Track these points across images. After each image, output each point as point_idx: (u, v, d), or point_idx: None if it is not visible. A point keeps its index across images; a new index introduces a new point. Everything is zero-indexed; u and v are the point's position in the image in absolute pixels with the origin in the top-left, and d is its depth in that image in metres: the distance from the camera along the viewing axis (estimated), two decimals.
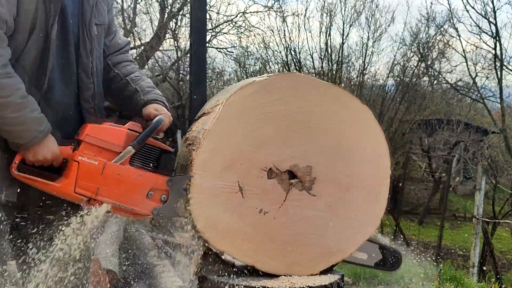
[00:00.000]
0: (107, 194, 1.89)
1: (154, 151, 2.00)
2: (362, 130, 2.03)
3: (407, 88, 15.48)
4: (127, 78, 2.30)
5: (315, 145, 1.98)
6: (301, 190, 1.97)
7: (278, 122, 1.94)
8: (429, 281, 5.89)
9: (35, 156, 1.95)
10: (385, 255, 2.17)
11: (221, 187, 1.89)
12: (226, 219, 1.90)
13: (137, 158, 1.96)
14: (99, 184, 1.89)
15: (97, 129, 1.94)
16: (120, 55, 2.37)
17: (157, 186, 1.92)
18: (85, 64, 2.13)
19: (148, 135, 1.96)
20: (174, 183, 1.90)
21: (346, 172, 2.01)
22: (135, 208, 1.91)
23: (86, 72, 2.14)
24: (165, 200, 1.92)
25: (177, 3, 13.41)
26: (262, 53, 15.64)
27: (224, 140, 1.88)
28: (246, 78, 2.06)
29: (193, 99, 8.86)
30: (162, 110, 2.18)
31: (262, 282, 1.88)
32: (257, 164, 1.92)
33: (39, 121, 1.93)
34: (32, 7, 1.95)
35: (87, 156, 1.90)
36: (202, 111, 2.02)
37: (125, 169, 1.91)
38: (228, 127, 1.88)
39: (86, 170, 1.89)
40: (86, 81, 2.15)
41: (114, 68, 2.33)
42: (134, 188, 1.91)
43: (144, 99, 2.21)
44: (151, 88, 2.28)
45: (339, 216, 2.01)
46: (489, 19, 13.78)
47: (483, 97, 15.70)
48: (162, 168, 1.98)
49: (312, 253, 2.00)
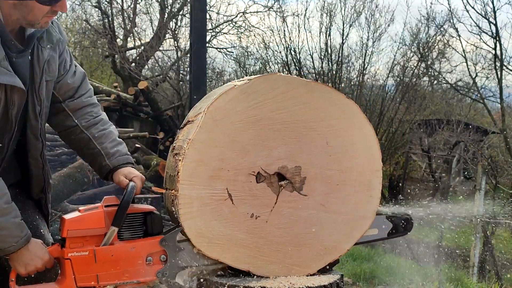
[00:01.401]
0: (108, 277, 1.91)
1: (137, 217, 2.00)
2: (350, 125, 2.03)
3: (407, 88, 15.46)
4: (88, 133, 2.21)
5: (303, 145, 1.98)
6: (292, 191, 1.97)
7: (262, 125, 1.93)
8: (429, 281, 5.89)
9: (26, 268, 1.95)
10: (394, 222, 2.17)
11: (209, 195, 1.89)
12: (218, 227, 1.90)
13: (124, 230, 1.97)
14: (97, 271, 1.91)
15: (74, 221, 1.93)
16: (78, 99, 2.25)
17: (153, 250, 1.95)
18: (33, 126, 2.08)
19: (124, 209, 1.94)
20: (168, 241, 1.95)
21: (337, 169, 2.01)
22: (140, 279, 1.94)
23: (34, 134, 2.10)
24: (165, 260, 1.95)
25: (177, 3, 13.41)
26: (262, 53, 15.64)
27: (209, 149, 1.88)
28: None
29: (193, 99, 8.86)
30: (132, 173, 2.14)
31: (261, 282, 1.88)
32: (244, 170, 1.92)
33: (20, 227, 1.93)
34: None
35: (76, 249, 1.91)
36: (187, 119, 2.01)
37: (116, 248, 1.93)
38: (211, 135, 1.89)
39: (80, 264, 1.90)
40: (34, 142, 2.12)
41: (72, 116, 2.23)
42: (132, 262, 1.93)
43: (110, 166, 2.17)
44: (116, 147, 2.20)
45: (332, 213, 2.01)
46: (489, 19, 13.79)
47: (483, 97, 15.70)
48: (152, 230, 1.99)
49: (309, 253, 2.00)
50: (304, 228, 1.99)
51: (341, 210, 2.03)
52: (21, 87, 1.95)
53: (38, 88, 2.05)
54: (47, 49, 2.08)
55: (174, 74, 12.96)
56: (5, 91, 1.94)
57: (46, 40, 2.08)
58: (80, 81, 2.28)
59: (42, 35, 2.06)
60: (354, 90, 14.99)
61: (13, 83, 1.92)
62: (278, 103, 1.95)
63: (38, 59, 2.06)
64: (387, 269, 6.41)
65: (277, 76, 1.97)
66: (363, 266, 6.21)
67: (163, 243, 1.94)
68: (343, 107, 2.02)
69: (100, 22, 13.81)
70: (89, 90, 2.31)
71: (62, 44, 2.20)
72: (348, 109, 2.03)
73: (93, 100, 2.30)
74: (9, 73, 1.92)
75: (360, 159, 2.05)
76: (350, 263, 6.51)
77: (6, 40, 1.94)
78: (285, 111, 1.96)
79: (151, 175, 8.47)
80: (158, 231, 1.99)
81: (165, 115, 11.49)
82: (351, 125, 2.03)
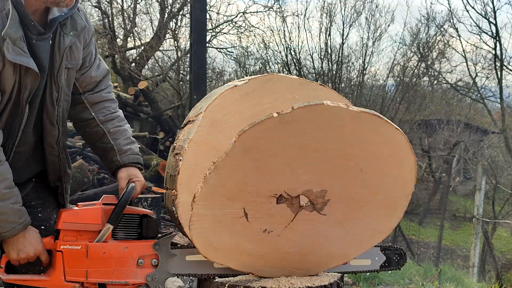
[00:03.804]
0: (98, 275, 1.89)
1: (134, 219, 1.99)
2: (391, 155, 1.82)
3: (407, 88, 15.46)
4: (104, 127, 2.21)
5: (334, 171, 1.79)
6: (312, 211, 1.85)
7: None
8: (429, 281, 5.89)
9: (18, 254, 1.93)
10: (388, 255, 2.14)
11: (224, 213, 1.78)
12: (228, 239, 1.82)
13: (119, 230, 1.96)
14: (87, 267, 1.89)
15: (71, 214, 1.93)
16: (98, 93, 2.24)
17: (145, 253, 1.93)
18: (50, 112, 2.07)
19: (121, 209, 1.93)
20: (162, 245, 1.92)
21: (365, 192, 1.85)
22: (129, 280, 1.91)
23: (50, 120, 2.08)
24: (156, 264, 1.93)
25: (177, 3, 13.40)
26: (262, 53, 15.62)
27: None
28: None
29: (193, 99, 8.86)
30: (136, 176, 2.14)
31: (261, 282, 1.88)
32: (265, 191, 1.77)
33: (19, 213, 1.91)
34: (11, 83, 1.91)
35: (69, 243, 1.90)
36: (188, 119, 2.00)
37: (108, 245, 1.91)
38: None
39: (71, 257, 1.89)
40: (50, 128, 2.09)
41: (90, 108, 2.22)
42: (123, 261, 1.91)
43: (120, 162, 2.17)
44: (129, 145, 2.20)
45: (347, 230, 1.91)
46: (489, 19, 13.79)
47: (483, 97, 15.70)
48: (147, 233, 1.97)
49: (313, 258, 1.96)
50: (314, 239, 1.91)
51: (358, 227, 1.91)
52: (35, 69, 1.92)
53: (57, 74, 2.03)
54: (69, 35, 2.05)
55: (174, 74, 12.96)
56: (20, 73, 1.91)
57: (70, 26, 2.05)
58: (103, 76, 2.27)
59: (65, 21, 2.03)
60: (354, 90, 14.99)
61: (27, 65, 1.90)
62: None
63: (59, 45, 2.03)
64: None
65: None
66: None
67: (156, 247, 1.93)
68: (389, 139, 1.79)
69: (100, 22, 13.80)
70: (109, 86, 2.30)
71: (88, 34, 2.17)
72: (394, 141, 1.79)
73: (111, 96, 2.30)
74: (24, 54, 1.89)
75: (392, 184, 1.88)
76: None
77: (26, 21, 1.91)
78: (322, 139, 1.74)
79: (151, 175, 8.47)
80: (153, 235, 1.98)
81: (165, 115, 11.49)
82: (392, 155, 1.82)
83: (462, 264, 11.09)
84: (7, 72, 1.89)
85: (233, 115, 1.90)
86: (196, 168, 1.86)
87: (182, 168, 1.85)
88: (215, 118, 1.89)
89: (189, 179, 1.86)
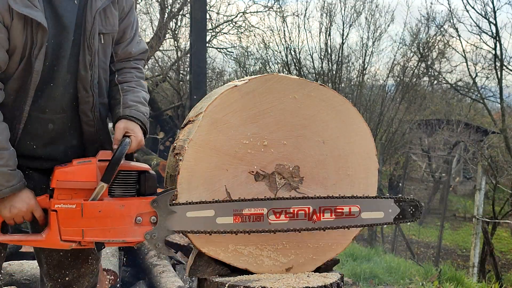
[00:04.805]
0: (94, 234, 1.84)
1: (131, 175, 1.92)
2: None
3: (407, 88, 15.47)
4: (120, 85, 2.15)
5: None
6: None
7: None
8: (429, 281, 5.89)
9: (10, 211, 1.89)
10: (402, 207, 2.04)
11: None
12: None
13: (115, 187, 1.89)
14: (83, 226, 1.84)
15: (65, 172, 1.87)
16: (126, 61, 2.21)
17: (143, 210, 1.87)
18: (83, 77, 2.01)
19: (115, 165, 1.85)
20: (160, 202, 1.86)
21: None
22: (126, 238, 1.86)
23: (84, 85, 2.02)
24: (155, 221, 1.87)
25: (177, 3, 13.40)
26: (262, 53, 15.64)
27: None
28: None
29: (193, 99, 8.87)
30: (133, 131, 2.03)
31: (261, 282, 1.88)
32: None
33: (8, 177, 1.86)
34: (21, 39, 1.88)
35: (63, 201, 1.84)
36: (188, 119, 2.01)
37: (104, 203, 1.85)
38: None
39: (66, 216, 1.83)
40: (84, 94, 2.03)
41: (115, 73, 2.18)
42: (120, 220, 1.85)
43: (121, 113, 2.07)
44: (136, 103, 2.11)
45: None
46: (489, 19, 13.79)
47: (483, 97, 15.71)
48: (144, 190, 1.91)
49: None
50: None
51: None
52: (42, 23, 1.87)
53: (89, 37, 1.98)
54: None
55: (174, 74, 12.96)
56: (31, 29, 1.87)
57: None
58: (140, 52, 2.23)
59: None
60: (354, 90, 15.00)
61: (33, 17, 1.84)
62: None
63: (91, 7, 1.98)
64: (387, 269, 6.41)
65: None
66: (363, 266, 6.21)
67: (154, 204, 1.86)
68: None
69: None
70: (141, 60, 2.25)
71: (126, 2, 2.12)
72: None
73: (140, 67, 2.24)
74: (31, 6, 1.84)
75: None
76: (350, 263, 6.51)
77: None
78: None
79: None
80: (152, 192, 1.91)
81: (165, 115, 11.50)
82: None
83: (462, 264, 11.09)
84: (16, 27, 1.86)
85: (233, 115, 1.91)
86: (196, 168, 1.87)
87: (182, 168, 1.86)
88: (215, 118, 1.90)
89: (189, 179, 1.87)
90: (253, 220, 1.89)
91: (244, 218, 1.88)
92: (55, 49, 1.96)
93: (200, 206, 1.85)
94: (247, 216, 1.88)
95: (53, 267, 2.18)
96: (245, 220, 1.88)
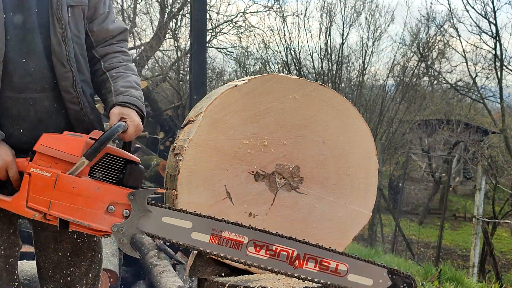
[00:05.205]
0: (61, 209, 1.73)
1: (118, 162, 1.81)
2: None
3: (407, 88, 15.48)
4: (108, 73, 2.07)
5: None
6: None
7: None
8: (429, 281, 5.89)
9: None
10: (395, 281, 1.86)
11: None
12: None
13: (98, 170, 1.78)
14: (52, 197, 1.73)
15: (52, 138, 1.79)
16: (109, 46, 2.12)
17: (118, 200, 1.75)
18: (57, 52, 1.93)
19: (102, 144, 1.76)
20: (138, 196, 1.75)
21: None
22: (92, 224, 1.74)
23: (60, 60, 1.94)
24: (127, 215, 1.75)
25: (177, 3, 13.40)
26: (262, 53, 15.65)
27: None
28: None
29: (193, 99, 8.86)
30: (129, 116, 1.94)
31: (261, 282, 1.88)
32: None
33: None
34: None
35: (40, 168, 1.74)
36: (188, 119, 2.01)
37: (80, 181, 1.74)
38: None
39: (38, 183, 1.74)
40: (62, 70, 1.94)
41: (100, 60, 2.10)
42: (91, 202, 1.74)
43: (114, 101, 1.98)
44: (127, 88, 2.02)
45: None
46: (489, 19, 13.81)
47: (483, 97, 15.72)
48: (128, 181, 1.80)
49: None
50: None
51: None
52: None
53: (56, 9, 1.93)
54: None
55: (174, 74, 12.96)
56: None
57: None
58: (119, 31, 2.16)
59: None
60: (354, 90, 15.00)
61: None
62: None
63: None
64: None
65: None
66: None
67: (131, 197, 1.74)
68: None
69: None
70: (123, 42, 2.19)
71: None
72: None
73: (125, 50, 2.17)
74: None
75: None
76: None
77: None
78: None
79: (151, 175, 8.48)
80: (134, 185, 1.80)
81: (165, 115, 11.49)
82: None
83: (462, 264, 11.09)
84: None
85: (233, 115, 1.91)
86: (196, 168, 1.87)
87: (182, 168, 1.86)
88: (215, 118, 1.90)
89: (189, 179, 1.87)
90: (231, 246, 1.75)
91: (221, 240, 1.75)
92: (16, 22, 1.91)
93: (179, 214, 1.75)
94: (225, 239, 1.75)
95: (53, 268, 2.18)
96: (222, 243, 1.74)
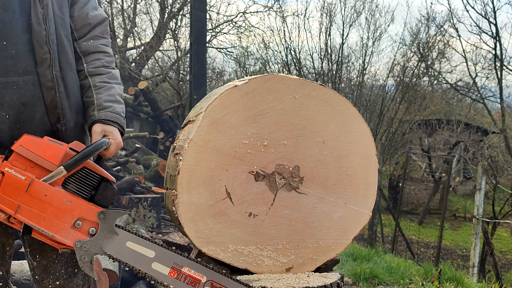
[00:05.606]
0: (28, 215, 1.70)
1: (93, 178, 1.80)
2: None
3: (407, 88, 15.47)
4: (91, 80, 2.02)
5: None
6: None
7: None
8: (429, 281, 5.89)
9: None
10: None
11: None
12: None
13: (72, 182, 1.77)
14: (22, 202, 1.70)
15: (32, 141, 1.75)
16: (92, 42, 2.05)
17: (86, 216, 1.73)
18: (37, 32, 1.88)
19: (83, 157, 1.74)
20: (108, 217, 1.74)
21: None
22: (56, 235, 1.71)
23: (39, 41, 1.88)
24: (93, 233, 1.73)
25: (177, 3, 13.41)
26: (262, 53, 15.66)
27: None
28: None
29: (193, 99, 8.87)
30: (111, 134, 1.92)
31: (261, 282, 1.88)
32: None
33: None
34: None
35: (15, 169, 1.71)
36: (188, 119, 2.01)
37: (53, 190, 1.72)
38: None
39: (10, 184, 1.70)
40: (40, 51, 1.88)
41: (83, 58, 2.03)
42: (60, 214, 1.72)
43: (96, 117, 1.94)
44: (111, 102, 1.98)
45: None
46: (489, 19, 13.80)
47: (483, 97, 15.72)
48: (98, 198, 1.78)
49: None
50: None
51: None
52: None
53: None
54: None
55: (174, 74, 12.97)
56: None
57: None
58: (99, 20, 2.09)
59: None
60: (354, 90, 15.00)
61: None
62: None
63: None
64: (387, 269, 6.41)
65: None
66: (363, 266, 6.20)
67: (100, 216, 1.73)
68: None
69: None
70: (105, 38, 2.13)
71: None
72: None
73: (108, 50, 2.12)
74: None
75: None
76: (350, 263, 6.51)
77: None
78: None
79: (151, 175, 8.48)
80: (104, 204, 1.78)
81: (165, 115, 11.51)
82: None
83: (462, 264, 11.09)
84: None
85: (233, 115, 1.91)
86: (196, 168, 1.88)
87: (182, 168, 1.86)
88: (215, 118, 1.90)
89: (189, 179, 1.87)
90: (188, 282, 1.74)
91: (180, 276, 1.74)
92: None
93: (143, 241, 1.74)
94: (184, 275, 1.74)
95: (40, 272, 2.12)
96: (180, 278, 1.73)
